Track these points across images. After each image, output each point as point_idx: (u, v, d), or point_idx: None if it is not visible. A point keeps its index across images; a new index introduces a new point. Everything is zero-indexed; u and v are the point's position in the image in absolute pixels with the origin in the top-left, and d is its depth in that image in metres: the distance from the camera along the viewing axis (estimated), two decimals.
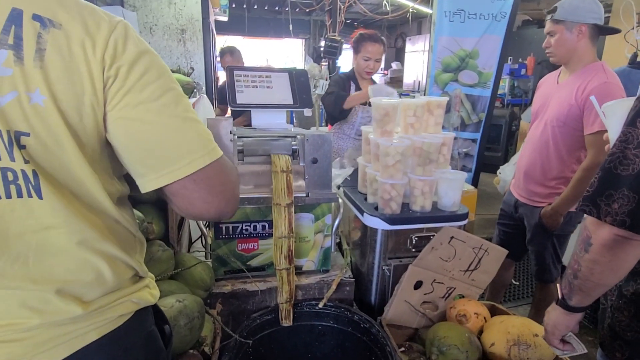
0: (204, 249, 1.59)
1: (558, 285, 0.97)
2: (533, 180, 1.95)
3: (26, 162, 0.57)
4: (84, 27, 0.58)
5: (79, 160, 0.60)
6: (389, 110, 1.51)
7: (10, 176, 0.57)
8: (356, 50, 2.45)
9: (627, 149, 0.77)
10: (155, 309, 0.81)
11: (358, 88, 2.51)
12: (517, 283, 3.10)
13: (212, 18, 5.57)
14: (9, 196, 0.57)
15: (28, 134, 0.56)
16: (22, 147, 0.56)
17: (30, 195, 0.58)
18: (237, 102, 1.45)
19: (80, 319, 0.64)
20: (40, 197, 0.58)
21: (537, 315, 2.14)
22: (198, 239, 1.73)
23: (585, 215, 0.83)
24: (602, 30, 1.79)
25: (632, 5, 2.17)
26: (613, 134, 0.85)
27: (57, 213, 0.60)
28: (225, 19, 6.49)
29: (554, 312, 0.98)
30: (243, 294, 1.45)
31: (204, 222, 1.51)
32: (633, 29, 2.22)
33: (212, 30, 5.58)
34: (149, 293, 0.75)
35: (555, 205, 1.83)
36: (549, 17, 1.80)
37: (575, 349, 1.00)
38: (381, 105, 1.51)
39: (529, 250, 2.08)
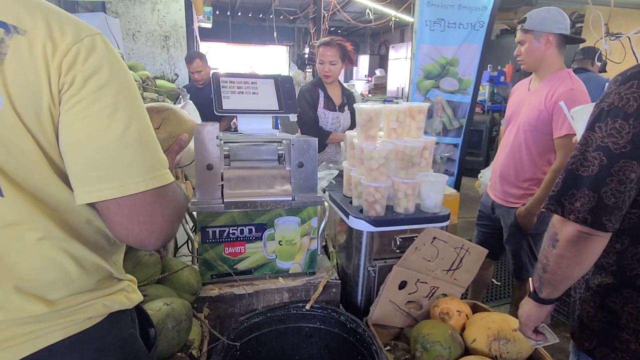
0: (190, 254, 1.60)
1: (530, 279, 1.03)
2: (507, 182, 2.03)
3: None
4: (48, 33, 0.59)
5: (40, 162, 0.60)
6: (372, 115, 1.56)
7: None
8: (316, 57, 2.57)
9: (587, 152, 0.82)
10: (139, 311, 0.81)
11: (326, 93, 2.60)
12: (499, 283, 3.17)
13: (195, 25, 5.58)
14: None
15: None
16: None
17: None
18: (223, 107, 1.47)
19: (44, 318, 0.64)
20: (1, 195, 0.59)
21: (516, 312, 2.20)
22: (184, 243, 1.73)
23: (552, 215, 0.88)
24: (568, 40, 1.89)
25: (600, 16, 2.29)
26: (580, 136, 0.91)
27: (20, 210, 0.60)
28: (209, 25, 6.51)
29: (527, 305, 1.03)
30: (230, 297, 1.46)
31: (190, 227, 1.52)
32: (602, 38, 2.34)
33: (196, 37, 5.59)
34: (125, 296, 0.74)
35: (528, 206, 1.91)
36: (519, 27, 1.90)
37: (547, 338, 1.05)
38: (365, 111, 1.56)
39: (506, 249, 2.15)
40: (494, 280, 3.17)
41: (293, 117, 1.56)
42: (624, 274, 0.90)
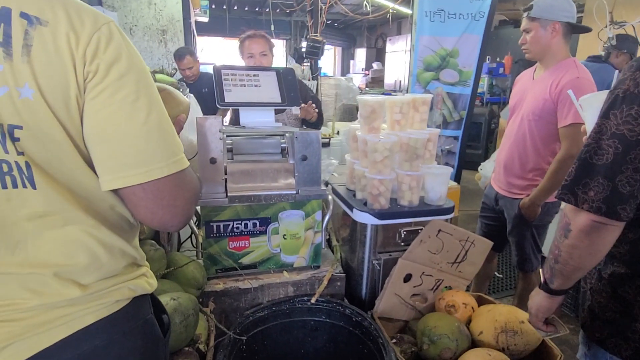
0: (194, 248, 1.59)
1: (541, 270, 1.02)
2: (511, 172, 2.01)
3: (19, 153, 0.60)
4: (69, 23, 0.60)
5: (70, 151, 0.63)
6: (376, 107, 1.54)
7: (5, 167, 0.59)
8: (241, 53, 2.31)
9: (601, 140, 0.81)
10: (153, 299, 0.83)
11: None
12: (501, 275, 3.18)
13: (192, 19, 5.52)
14: (4, 187, 0.60)
15: (21, 127, 0.59)
16: (15, 139, 0.59)
17: (24, 186, 0.61)
18: (226, 100, 1.46)
19: (77, 302, 0.66)
20: (34, 187, 0.61)
21: (520, 304, 2.20)
22: (187, 238, 1.72)
23: (564, 203, 0.87)
24: (574, 29, 1.87)
25: (604, 4, 2.27)
26: (589, 125, 0.90)
27: (51, 202, 0.62)
28: (205, 19, 6.44)
29: (537, 296, 1.02)
30: (235, 291, 1.45)
31: (194, 221, 1.51)
32: (606, 27, 2.32)
33: (193, 31, 5.54)
34: (146, 281, 0.77)
35: (532, 197, 1.89)
36: (525, 14, 1.87)
37: (557, 329, 1.05)
38: (368, 102, 1.54)
39: (509, 241, 2.15)
40: (496, 272, 3.18)
41: (296, 110, 1.54)
42: (637, 263, 0.89)
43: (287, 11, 9.18)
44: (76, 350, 0.66)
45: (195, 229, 1.49)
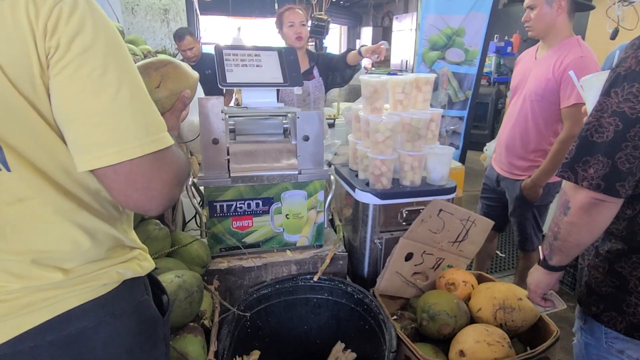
0: (198, 228, 1.62)
1: (540, 247, 1.04)
2: (513, 153, 2.00)
3: None
4: None
5: (45, 131, 0.60)
6: (378, 87, 1.53)
7: None
8: (279, 25, 2.45)
9: (602, 118, 0.81)
10: (152, 280, 0.83)
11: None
12: (503, 255, 3.20)
13: None
14: None
15: None
16: None
17: None
18: (227, 81, 1.46)
19: (61, 285, 0.65)
20: (8, 170, 0.58)
21: (520, 282, 2.23)
22: (192, 218, 1.75)
23: (564, 181, 0.88)
24: (578, 6, 1.82)
25: None
26: (590, 106, 0.90)
27: (29, 184, 0.60)
28: None
29: (536, 272, 1.04)
30: (239, 270, 1.48)
31: (198, 201, 1.53)
32: (614, 4, 2.26)
33: (196, 9, 5.46)
34: (137, 264, 0.76)
35: (534, 177, 1.89)
36: None
37: (555, 305, 1.07)
38: (370, 83, 1.53)
39: (511, 221, 2.16)
40: (498, 252, 3.20)
41: (298, 90, 1.54)
42: (634, 239, 0.90)
43: None
44: (61, 332, 0.66)
45: (199, 208, 1.51)
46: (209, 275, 1.44)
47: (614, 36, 2.37)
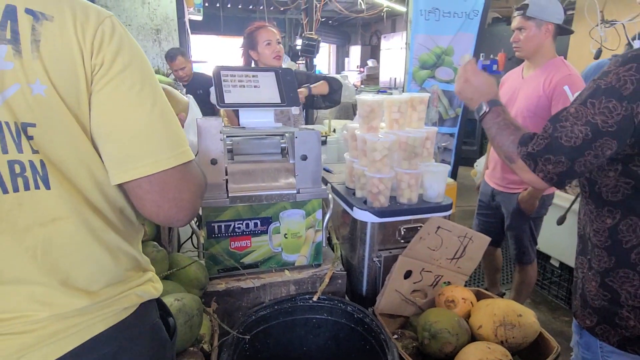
0: (195, 249, 1.60)
1: (483, 103, 1.11)
2: (508, 168, 2.04)
3: (34, 152, 0.59)
4: (75, 18, 0.61)
5: (87, 147, 0.62)
6: (375, 106, 1.56)
7: (17, 169, 0.58)
8: (252, 44, 2.31)
9: (575, 125, 0.86)
10: (159, 302, 0.83)
11: None
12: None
13: (186, 17, 5.50)
14: (16, 189, 0.59)
15: (34, 125, 0.58)
16: (29, 137, 0.58)
17: (37, 187, 0.59)
18: (225, 101, 1.47)
19: (86, 311, 0.66)
20: (47, 188, 0.60)
21: (517, 297, 2.26)
22: (188, 239, 1.73)
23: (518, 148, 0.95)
24: (562, 31, 1.94)
25: (595, 4, 2.31)
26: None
27: (65, 203, 0.61)
28: (199, 18, 6.43)
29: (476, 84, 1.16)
30: (237, 291, 1.46)
31: (195, 222, 1.52)
32: (597, 26, 2.36)
33: (187, 29, 5.52)
34: (152, 287, 0.77)
35: (531, 190, 1.95)
36: (517, 13, 1.92)
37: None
38: (367, 102, 1.56)
39: (507, 235, 2.19)
40: None
41: (295, 110, 1.55)
42: (619, 250, 0.93)
43: (282, 9, 9.16)
44: (86, 358, 0.66)
45: (196, 229, 1.50)
46: (206, 297, 1.41)
47: (597, 56, 2.47)
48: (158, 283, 0.80)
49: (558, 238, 2.49)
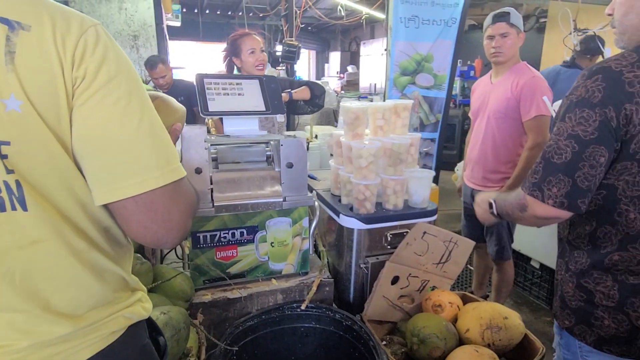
0: (179, 260, 1.57)
1: (493, 203, 1.16)
2: (486, 168, 2.19)
3: (9, 172, 0.54)
4: (54, 27, 0.56)
5: (66, 164, 0.58)
6: (359, 114, 1.57)
7: None
8: (235, 51, 2.29)
9: (559, 140, 0.90)
10: (148, 321, 0.80)
11: None
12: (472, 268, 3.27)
13: (164, 24, 5.43)
14: None
15: (8, 143, 0.53)
16: (3, 156, 0.54)
17: (13, 208, 0.55)
18: (209, 110, 1.45)
19: (71, 337, 0.62)
20: (24, 209, 0.56)
21: (498, 296, 2.33)
22: (170, 250, 1.70)
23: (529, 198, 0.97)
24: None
25: (569, 13, 2.41)
26: None
27: (45, 225, 0.57)
28: (177, 24, 6.35)
29: (483, 207, 1.24)
30: (224, 302, 1.44)
31: None
32: (570, 34, 2.45)
33: (165, 36, 5.44)
34: (141, 307, 0.74)
35: (508, 184, 2.08)
36: (501, 20, 2.02)
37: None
38: (352, 109, 1.57)
39: (486, 234, 2.28)
40: (469, 266, 3.27)
41: (280, 118, 1.55)
42: (596, 252, 0.96)
43: (261, 15, 9.15)
44: None
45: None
46: (192, 308, 1.38)
47: (571, 62, 2.56)
48: (148, 303, 0.76)
49: (538, 240, 2.56)
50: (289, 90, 2.36)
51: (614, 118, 0.84)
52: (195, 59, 10.47)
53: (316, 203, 1.57)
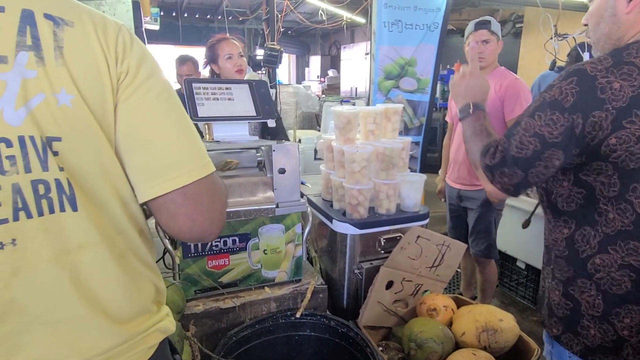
0: (168, 270, 1.52)
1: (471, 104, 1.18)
2: (471, 168, 2.21)
3: (61, 169, 0.53)
4: (94, 24, 0.57)
5: (112, 160, 0.58)
6: (351, 118, 1.56)
7: (41, 189, 0.52)
8: (213, 57, 2.25)
9: (524, 136, 0.90)
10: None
11: None
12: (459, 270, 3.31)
13: (143, 27, 5.31)
14: (41, 213, 0.52)
15: (60, 139, 0.53)
16: (55, 153, 0.52)
17: (62, 209, 0.53)
18: (199, 115, 1.41)
19: (115, 354, 0.60)
20: (74, 209, 0.54)
21: (484, 297, 2.37)
22: (159, 259, 1.64)
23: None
24: None
25: (549, 18, 2.48)
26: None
27: (91, 227, 0.56)
28: (156, 27, 6.22)
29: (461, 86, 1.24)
30: (216, 312, 1.40)
31: (171, 242, 1.44)
32: (551, 38, 2.52)
33: (144, 39, 5.33)
34: (169, 322, 0.73)
35: None
36: (483, 27, 2.09)
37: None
38: (343, 114, 1.56)
39: (474, 233, 2.33)
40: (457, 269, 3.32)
41: (271, 123, 1.52)
42: (576, 258, 0.95)
43: (240, 19, 9.09)
44: None
45: (171, 249, 1.42)
46: (184, 320, 1.34)
47: (552, 66, 2.63)
48: (172, 317, 0.74)
49: (523, 241, 2.60)
50: None
51: (579, 125, 0.85)
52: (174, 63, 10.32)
53: (309, 209, 1.55)
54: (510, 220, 2.53)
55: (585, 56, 2.50)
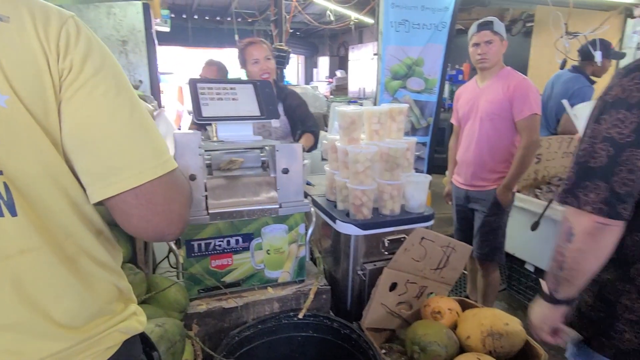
0: (172, 269, 1.52)
1: (541, 280, 1.02)
2: (483, 168, 2.24)
3: None
4: (33, 18, 0.53)
5: (57, 162, 0.55)
6: (355, 118, 1.55)
7: None
8: (242, 61, 2.31)
9: (594, 144, 0.85)
10: (142, 335, 0.77)
11: None
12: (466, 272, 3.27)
13: (153, 29, 5.36)
14: None
15: None
16: None
17: (1, 214, 0.51)
18: (203, 115, 1.41)
19: (65, 356, 0.59)
20: (13, 215, 0.52)
21: (485, 302, 2.34)
22: (164, 259, 1.65)
23: (565, 209, 0.90)
24: None
25: (560, 17, 2.43)
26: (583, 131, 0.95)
27: (32, 232, 0.54)
28: (167, 29, 6.27)
29: (540, 308, 1.00)
30: (219, 312, 1.40)
31: (175, 241, 1.45)
32: (562, 37, 2.48)
33: (155, 41, 5.38)
34: (136, 321, 0.71)
35: (506, 183, 2.13)
36: (486, 28, 2.10)
37: (568, 334, 1.01)
38: (347, 114, 1.55)
39: (481, 235, 2.30)
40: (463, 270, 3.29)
41: (275, 123, 1.52)
42: (622, 262, 0.92)
43: (249, 20, 9.14)
44: None
45: (175, 248, 1.43)
46: (187, 319, 1.34)
47: (562, 65, 2.59)
48: (142, 316, 0.73)
49: (532, 243, 2.56)
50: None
51: None
52: (184, 64, 10.40)
53: (312, 209, 1.54)
54: (519, 222, 2.49)
55: (597, 55, 2.46)
